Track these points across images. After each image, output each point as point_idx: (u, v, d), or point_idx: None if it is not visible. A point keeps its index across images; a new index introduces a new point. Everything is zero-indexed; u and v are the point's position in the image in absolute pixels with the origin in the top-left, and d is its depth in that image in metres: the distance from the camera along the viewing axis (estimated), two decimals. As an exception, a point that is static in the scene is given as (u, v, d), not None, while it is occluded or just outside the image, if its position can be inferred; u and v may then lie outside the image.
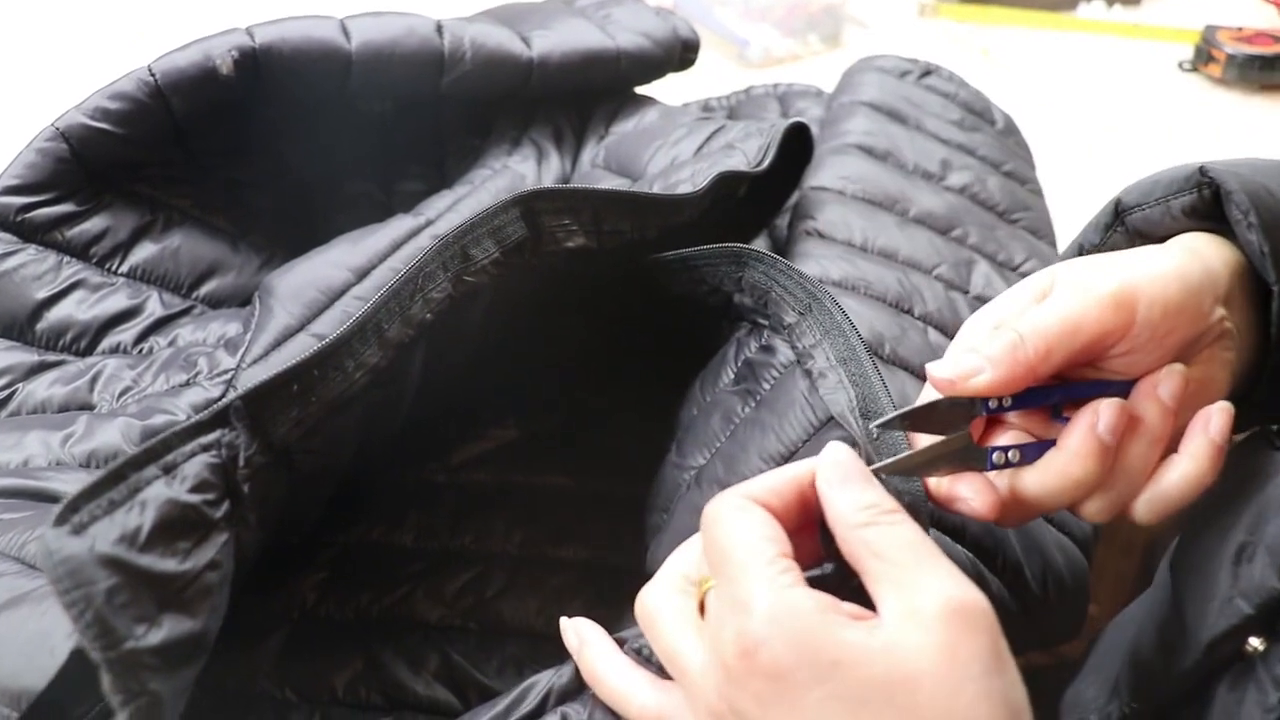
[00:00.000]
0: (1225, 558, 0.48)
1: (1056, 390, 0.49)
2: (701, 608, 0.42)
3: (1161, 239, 0.54)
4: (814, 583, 0.40)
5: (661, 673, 0.44)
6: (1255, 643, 0.46)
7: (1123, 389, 0.48)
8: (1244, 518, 0.48)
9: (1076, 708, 0.60)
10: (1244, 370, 0.52)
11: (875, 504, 0.41)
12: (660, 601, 0.43)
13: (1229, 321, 0.49)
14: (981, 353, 0.46)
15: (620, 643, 0.47)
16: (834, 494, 0.42)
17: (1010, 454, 0.47)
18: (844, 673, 0.37)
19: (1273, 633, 0.46)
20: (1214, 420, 0.47)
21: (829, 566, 0.43)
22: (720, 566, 0.40)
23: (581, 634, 0.47)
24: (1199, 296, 0.48)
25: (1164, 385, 0.47)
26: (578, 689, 0.47)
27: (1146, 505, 0.47)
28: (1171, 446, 0.48)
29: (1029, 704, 0.38)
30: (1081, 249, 0.60)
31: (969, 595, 0.38)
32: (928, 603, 0.37)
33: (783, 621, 0.37)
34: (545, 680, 0.47)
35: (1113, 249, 0.56)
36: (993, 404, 0.47)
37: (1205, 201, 0.53)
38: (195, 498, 0.44)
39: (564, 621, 0.49)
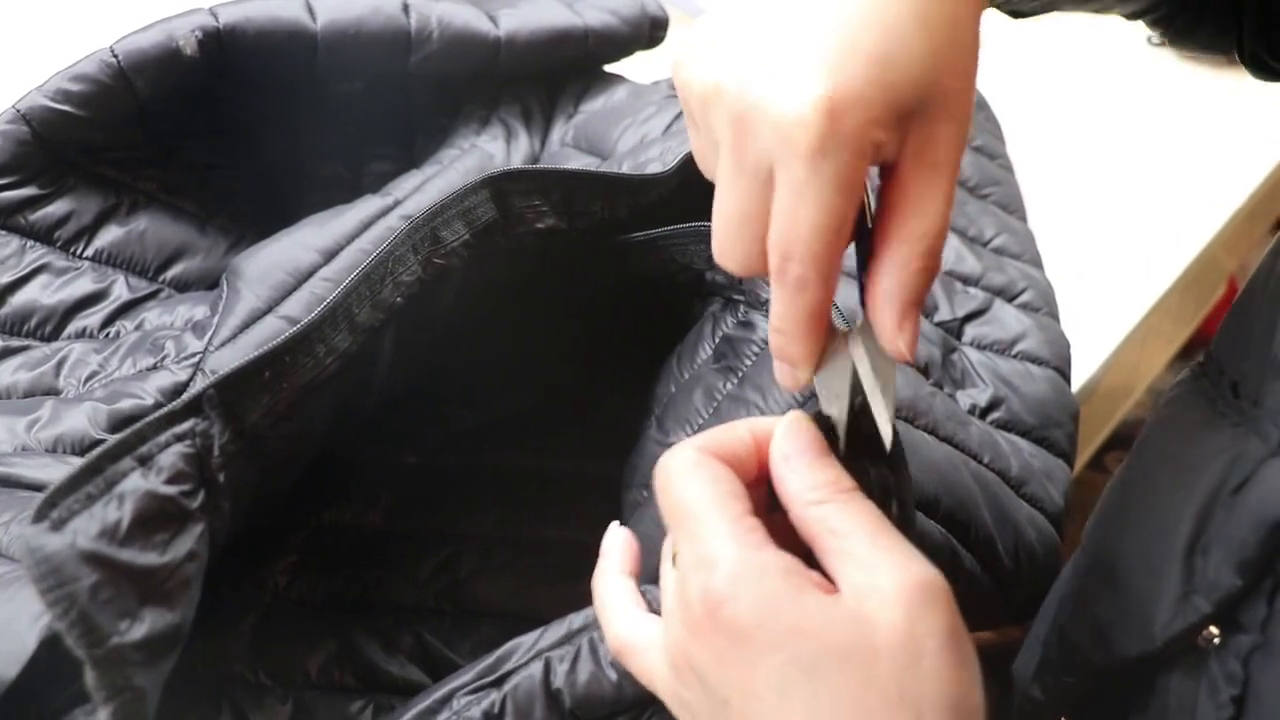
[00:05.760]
0: (1176, 548, 0.47)
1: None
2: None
3: None
4: None
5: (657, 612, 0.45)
6: (1212, 631, 0.46)
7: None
8: (1191, 504, 0.48)
9: (1019, 680, 0.61)
10: None
11: (832, 481, 0.40)
12: (667, 544, 0.44)
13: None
14: (779, 348, 0.43)
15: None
16: (789, 469, 0.41)
17: None
18: (803, 640, 0.36)
19: (1228, 624, 0.46)
20: None
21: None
22: (682, 522, 0.40)
23: (607, 546, 0.48)
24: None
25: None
26: (562, 644, 0.48)
27: None
28: None
29: (981, 683, 0.38)
30: None
31: (928, 573, 0.38)
32: (887, 579, 0.37)
33: (749, 580, 0.37)
34: (530, 642, 0.48)
35: None
36: (838, 323, 0.44)
37: None
38: (172, 489, 0.44)
39: (613, 526, 0.49)
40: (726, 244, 0.44)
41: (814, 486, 0.40)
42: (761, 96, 0.40)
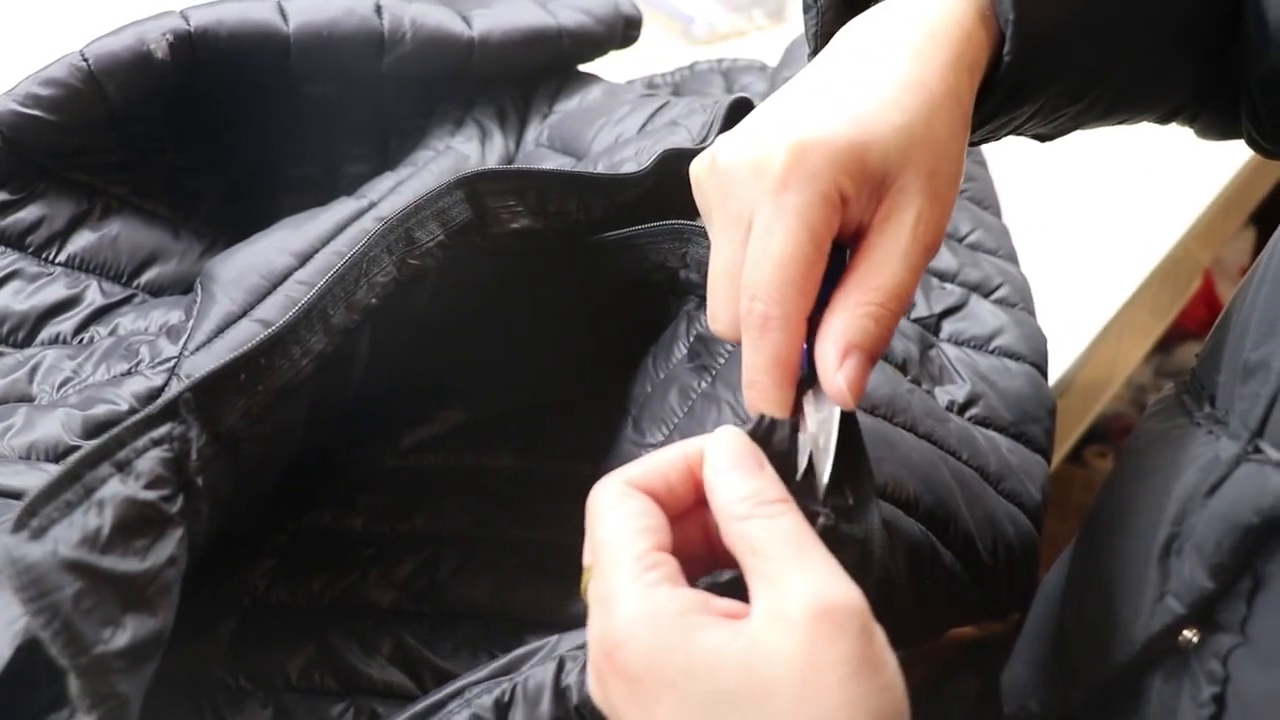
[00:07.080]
0: (1153, 550, 0.48)
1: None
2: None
3: None
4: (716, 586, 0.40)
5: None
6: (1189, 634, 0.46)
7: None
8: (1168, 508, 0.48)
9: (1014, 689, 0.61)
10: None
11: (755, 493, 0.39)
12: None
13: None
14: (751, 403, 0.43)
15: None
16: (717, 482, 0.40)
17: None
18: (695, 682, 0.36)
19: (1206, 624, 0.46)
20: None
21: (724, 574, 0.43)
22: (596, 557, 0.40)
23: None
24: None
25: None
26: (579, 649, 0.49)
27: None
28: None
29: (906, 708, 0.36)
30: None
31: (840, 595, 0.36)
32: (795, 603, 0.36)
33: (640, 625, 0.37)
34: (548, 647, 0.49)
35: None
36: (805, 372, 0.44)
37: None
38: (151, 494, 0.44)
39: None
40: (715, 303, 0.45)
41: (738, 499, 0.39)
42: (741, 149, 0.43)
